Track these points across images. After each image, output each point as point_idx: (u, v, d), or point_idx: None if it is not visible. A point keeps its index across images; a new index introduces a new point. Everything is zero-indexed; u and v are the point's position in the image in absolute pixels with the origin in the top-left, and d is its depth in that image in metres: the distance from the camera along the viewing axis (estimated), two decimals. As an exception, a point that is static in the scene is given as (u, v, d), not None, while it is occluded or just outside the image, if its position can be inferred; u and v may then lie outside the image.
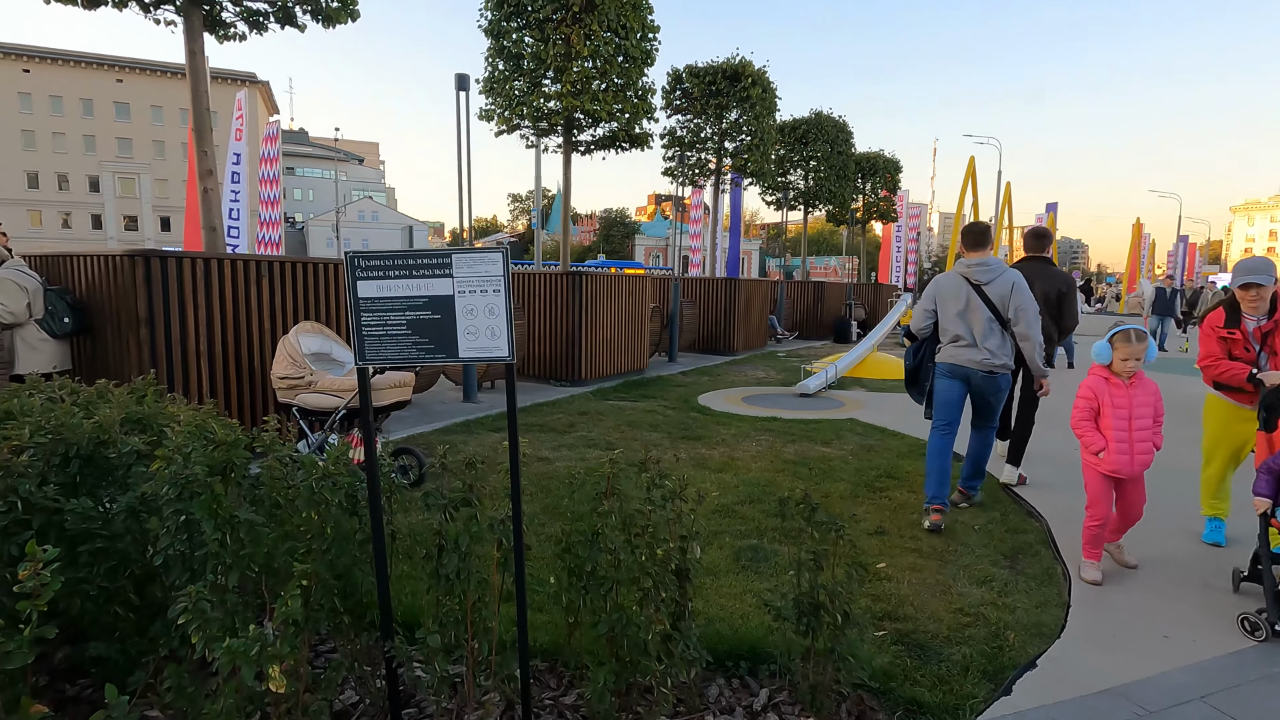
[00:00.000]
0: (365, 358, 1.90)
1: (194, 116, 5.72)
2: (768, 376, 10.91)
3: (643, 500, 2.38)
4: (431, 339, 1.88)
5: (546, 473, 5.18)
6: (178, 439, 1.98)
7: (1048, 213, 40.57)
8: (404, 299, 1.87)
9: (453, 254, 1.84)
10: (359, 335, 1.88)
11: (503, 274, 1.82)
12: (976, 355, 4.36)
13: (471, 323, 1.86)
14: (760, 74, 14.31)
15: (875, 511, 4.50)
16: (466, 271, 1.84)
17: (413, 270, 1.85)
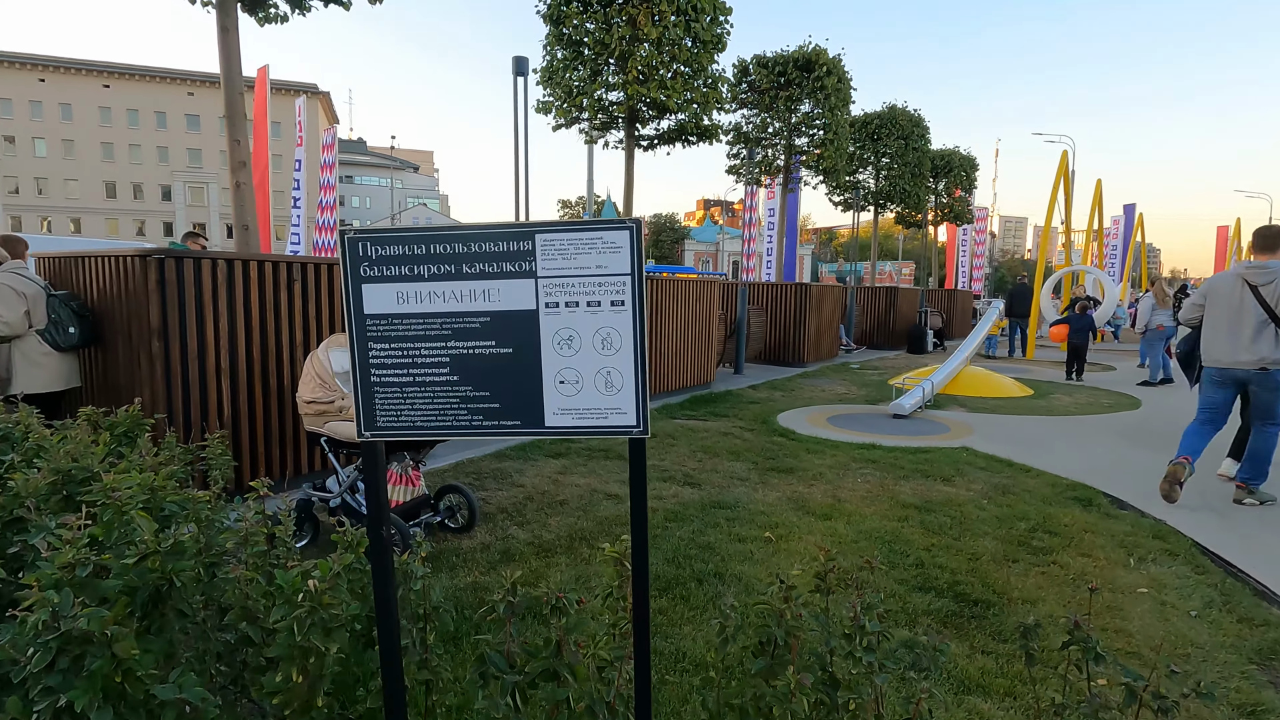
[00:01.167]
0: (375, 425, 1.06)
1: (226, 102, 5.12)
2: (849, 393, 9.84)
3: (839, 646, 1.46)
4: (494, 391, 1.03)
5: (619, 517, 4.31)
6: (64, 557, 1.17)
7: (1125, 214, 38.14)
8: (444, 318, 1.03)
9: (536, 232, 0.98)
10: (364, 385, 1.03)
11: (632, 268, 0.95)
12: (1248, 355, 4.50)
13: (569, 363, 1.01)
14: (835, 63, 13.20)
15: (1048, 587, 3.47)
16: (562, 264, 0.97)
17: (463, 264, 1.00)
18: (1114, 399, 9.71)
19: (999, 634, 2.93)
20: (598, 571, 3.49)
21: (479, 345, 1.04)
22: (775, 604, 1.39)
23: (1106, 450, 6.51)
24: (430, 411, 1.07)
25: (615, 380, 1.03)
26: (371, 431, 1.08)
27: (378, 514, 1.15)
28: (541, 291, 1.03)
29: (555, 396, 1.04)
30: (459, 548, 3.80)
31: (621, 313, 1.02)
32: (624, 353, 1.03)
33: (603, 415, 1.05)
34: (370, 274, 1.04)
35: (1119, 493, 5.07)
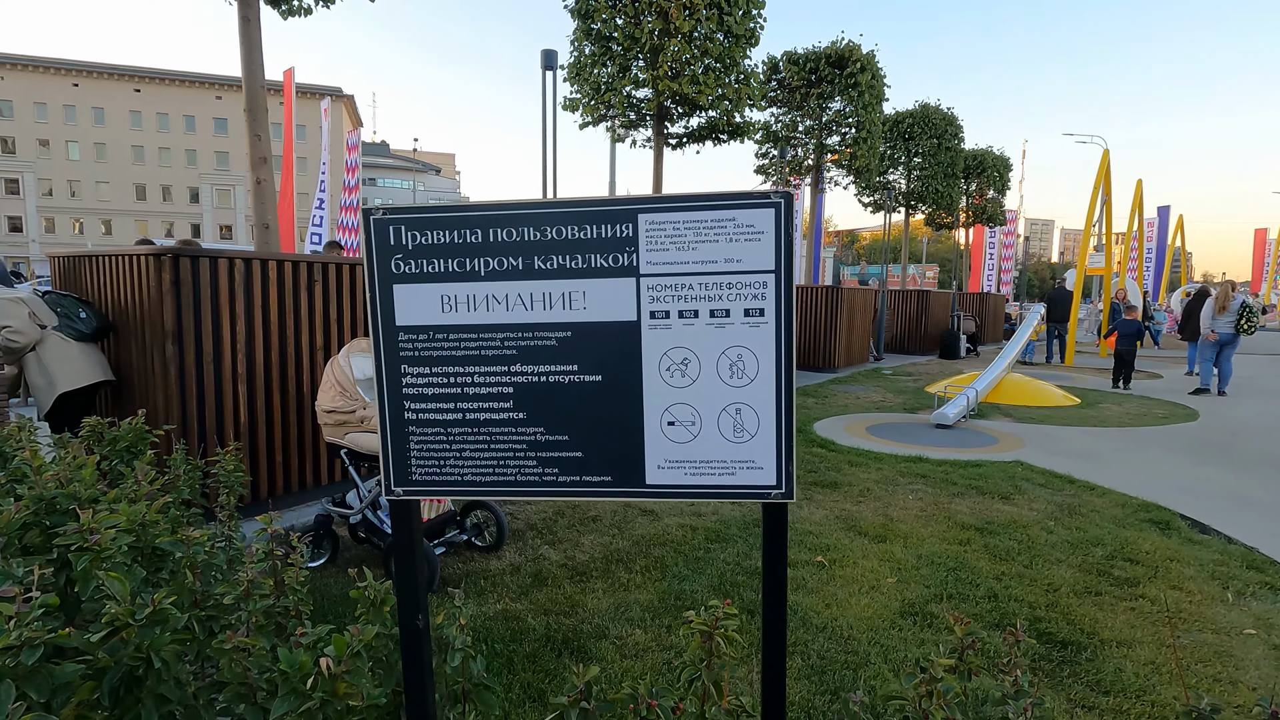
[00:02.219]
0: (409, 479, 0.78)
1: (247, 95, 4.92)
2: (885, 400, 9.45)
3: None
4: (575, 435, 0.75)
5: (656, 536, 4.01)
6: (6, 639, 0.89)
7: (1160, 216, 37.11)
8: (507, 333, 0.76)
9: (639, 210, 0.69)
10: (394, 423, 0.75)
11: (778, 263, 0.66)
12: None
13: (683, 397, 0.73)
14: (869, 59, 12.79)
15: (1140, 625, 3.10)
16: (675, 257, 0.69)
17: (535, 256, 0.71)
18: (1168, 409, 9.21)
19: (1098, 684, 2.59)
20: (637, 600, 3.20)
21: (556, 370, 0.76)
22: (916, 699, 1.07)
23: (1172, 466, 6.08)
24: (485, 461, 0.79)
25: (748, 422, 0.75)
26: (404, 487, 0.80)
27: (412, 599, 0.87)
28: (645, 295, 0.75)
29: (661, 443, 0.75)
30: (487, 569, 3.53)
31: (760, 327, 0.73)
32: (762, 383, 0.74)
33: (728, 470, 0.77)
34: (405, 270, 0.76)
35: (1196, 514, 4.67)
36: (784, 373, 0.75)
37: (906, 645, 2.85)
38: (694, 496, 0.84)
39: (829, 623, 3.01)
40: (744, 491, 0.82)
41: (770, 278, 0.76)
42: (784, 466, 0.80)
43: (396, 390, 0.80)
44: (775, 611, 0.86)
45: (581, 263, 0.78)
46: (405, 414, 0.81)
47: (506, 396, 0.80)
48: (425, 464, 0.83)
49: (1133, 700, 2.49)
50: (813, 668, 2.66)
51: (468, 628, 1.14)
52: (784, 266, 0.75)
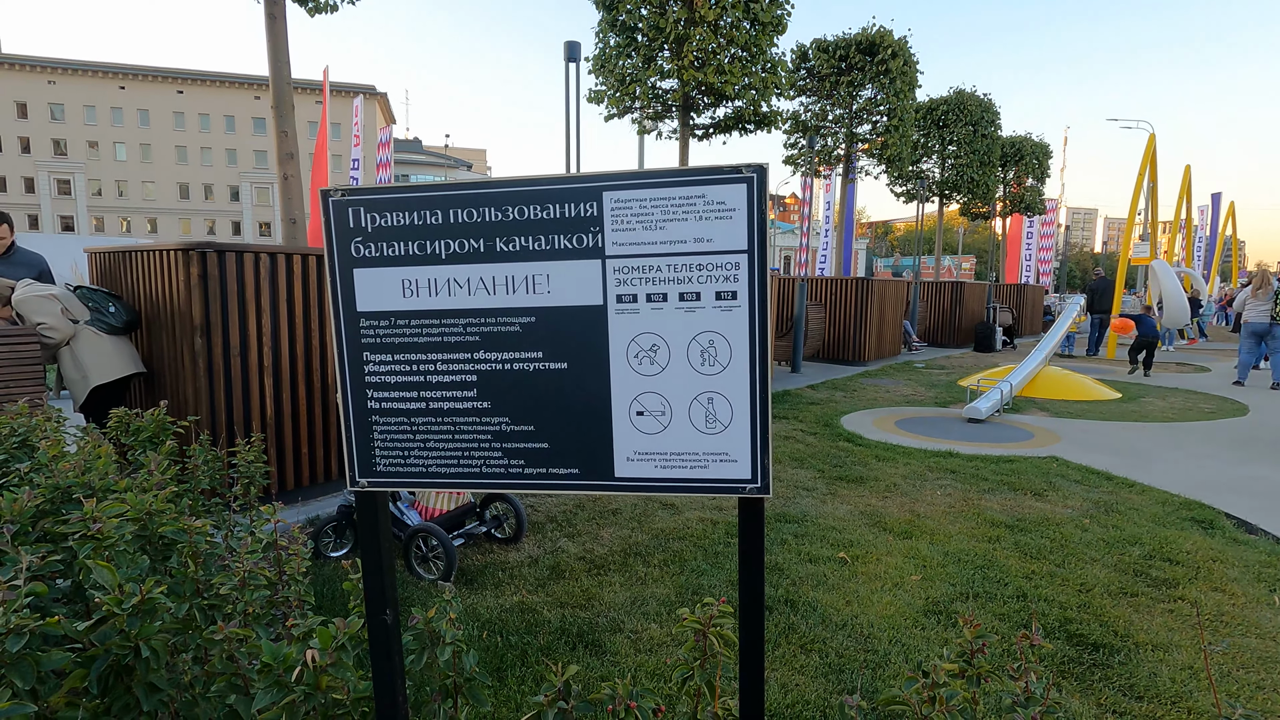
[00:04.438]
0: (373, 470, 0.76)
1: (273, 92, 4.99)
2: (916, 394, 9.25)
3: None
4: (541, 425, 0.71)
5: (676, 529, 3.98)
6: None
7: (1212, 203, 35.65)
8: (470, 318, 0.72)
9: (604, 188, 0.65)
10: (356, 413, 0.73)
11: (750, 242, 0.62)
12: None
13: (652, 386, 0.68)
14: (901, 45, 12.46)
15: (1179, 629, 2.97)
16: (643, 237, 0.65)
17: (497, 238, 0.68)
18: (1215, 403, 8.85)
19: (1131, 689, 2.48)
20: (654, 594, 3.17)
21: (520, 358, 0.73)
22: (917, 706, 1.01)
23: (1218, 462, 5.83)
24: (450, 452, 0.76)
25: (721, 412, 0.71)
26: (369, 479, 0.78)
27: (380, 594, 0.85)
28: (612, 278, 0.71)
29: (630, 434, 0.72)
30: (505, 561, 3.53)
31: (733, 311, 0.69)
32: (735, 371, 0.70)
33: (700, 463, 0.73)
34: (365, 253, 0.74)
35: (1243, 513, 4.47)
36: (758, 360, 0.70)
37: (929, 645, 2.77)
38: (665, 490, 0.80)
39: (849, 620, 2.95)
40: (717, 485, 0.78)
41: (743, 258, 0.71)
42: (759, 459, 0.75)
43: (359, 379, 0.78)
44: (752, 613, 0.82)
45: (545, 244, 0.74)
46: (368, 403, 0.79)
47: (470, 385, 0.77)
48: (389, 455, 0.80)
49: (1168, 707, 2.38)
50: (830, 666, 2.60)
51: (459, 621, 1.12)
52: (757, 246, 0.70)
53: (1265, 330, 10.19)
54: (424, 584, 3.23)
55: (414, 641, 1.23)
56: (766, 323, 0.69)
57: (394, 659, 0.91)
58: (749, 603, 0.82)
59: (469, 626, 2.84)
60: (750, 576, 0.80)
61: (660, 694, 2.35)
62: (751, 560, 0.79)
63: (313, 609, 1.54)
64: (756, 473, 0.76)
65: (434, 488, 0.84)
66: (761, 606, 0.82)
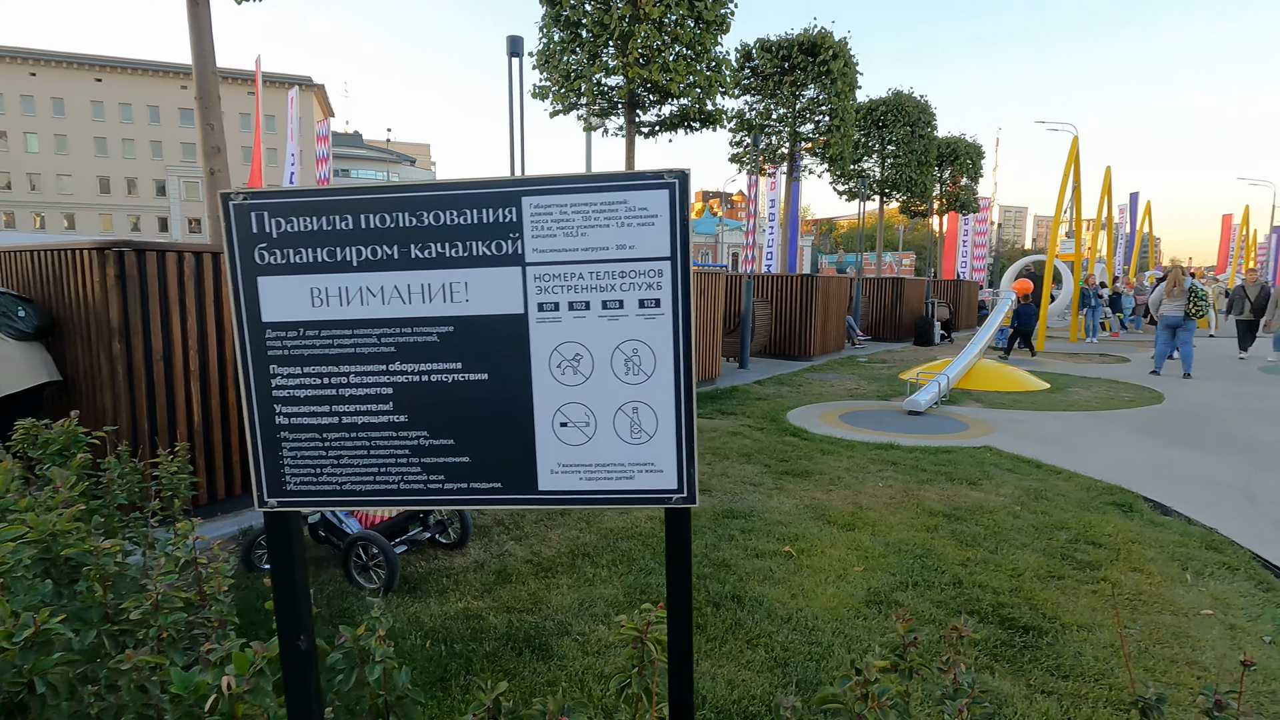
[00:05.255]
0: (284, 490, 0.72)
1: (197, 83, 4.74)
2: (859, 388, 9.49)
3: None
4: (461, 439, 0.68)
5: (625, 529, 3.97)
6: None
7: (1130, 202, 37.69)
8: (384, 328, 0.68)
9: (523, 193, 0.63)
10: (264, 429, 0.69)
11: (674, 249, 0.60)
12: None
13: (575, 396, 0.66)
14: (841, 46, 12.75)
15: (1102, 609, 3.13)
16: (564, 243, 0.63)
17: (411, 244, 0.65)
18: (1134, 392, 9.37)
19: (1058, 669, 2.60)
20: (602, 595, 3.16)
21: (438, 369, 0.70)
22: (850, 703, 1.03)
23: (1137, 448, 6.18)
24: (365, 469, 0.73)
25: (646, 421, 0.69)
26: (278, 498, 0.74)
27: (293, 620, 0.81)
28: (533, 286, 0.69)
29: (554, 446, 0.70)
30: (450, 567, 3.46)
31: (656, 319, 0.68)
32: (659, 380, 0.69)
33: (626, 474, 0.72)
34: (270, 261, 0.70)
35: (1159, 496, 4.74)
36: (682, 368, 0.70)
37: (871, 635, 2.84)
38: (591, 503, 0.79)
39: (794, 614, 3.00)
40: (644, 496, 0.77)
41: (665, 265, 0.71)
42: (685, 469, 0.75)
43: (265, 393, 0.73)
44: (680, 621, 0.81)
45: (462, 251, 0.71)
46: (276, 419, 0.74)
47: (385, 398, 0.74)
48: (300, 473, 0.76)
49: (1091, 684, 2.50)
50: (776, 660, 2.64)
51: (390, 637, 1.08)
52: (680, 253, 0.69)
53: (1179, 323, 10.92)
54: (364, 594, 3.14)
55: (343, 660, 1.19)
56: (690, 331, 0.68)
57: (309, 687, 0.87)
58: (677, 611, 0.81)
59: (412, 636, 2.77)
60: (678, 585, 0.80)
61: (601, 702, 2.34)
62: (678, 569, 0.79)
63: (237, 630, 1.46)
64: (683, 482, 0.75)
65: (348, 506, 0.80)
66: (689, 614, 0.81)
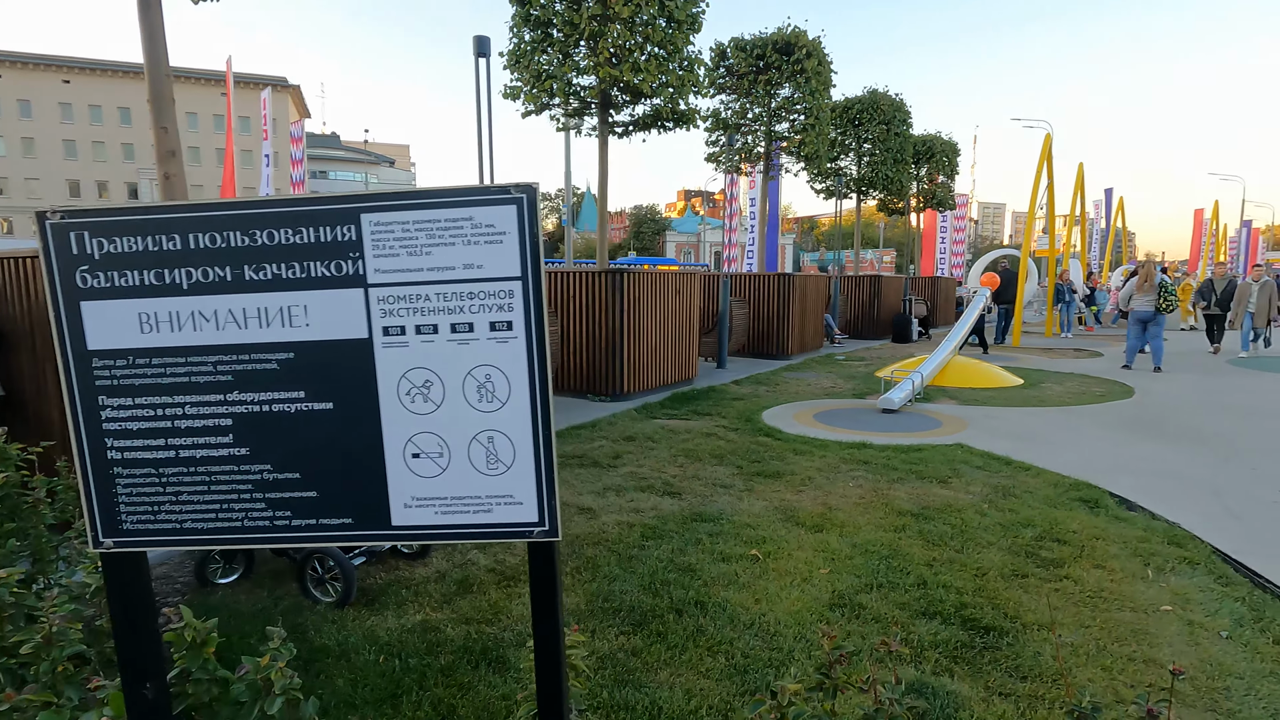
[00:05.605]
0: (119, 529, 0.66)
1: (150, 83, 4.63)
2: (836, 386, 9.52)
3: None
4: (308, 472, 0.64)
5: (591, 535, 3.92)
6: None
7: (1105, 198, 38.22)
8: (220, 355, 0.63)
9: (362, 210, 0.58)
10: (95, 464, 0.64)
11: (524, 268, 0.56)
12: None
13: (427, 425, 0.62)
14: (815, 45, 12.79)
15: (1064, 607, 3.14)
16: (407, 263, 0.59)
17: (245, 265, 0.60)
18: (1105, 387, 9.49)
19: (1017, 669, 2.60)
20: (565, 604, 3.11)
21: (279, 398, 0.65)
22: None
23: (1106, 444, 6.24)
24: (207, 505, 0.68)
25: (502, 451, 0.65)
26: (114, 538, 0.69)
27: (138, 667, 0.75)
28: (376, 308, 0.64)
29: (406, 479, 0.66)
30: (411, 578, 3.40)
31: (509, 342, 0.64)
32: (515, 407, 0.64)
33: (484, 507, 0.67)
34: (94, 284, 0.65)
35: (1125, 491, 4.78)
36: (539, 394, 0.66)
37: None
38: (447, 538, 0.75)
39: (756, 619, 2.97)
40: (503, 531, 0.73)
41: (516, 285, 0.66)
42: (545, 501, 0.71)
43: (95, 426, 0.68)
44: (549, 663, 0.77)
45: (299, 272, 0.67)
46: (108, 453, 0.69)
47: (224, 430, 0.69)
48: (137, 510, 0.71)
49: (1048, 685, 2.50)
50: (736, 667, 2.61)
51: (288, 670, 1.03)
52: (531, 272, 0.65)
53: (1150, 317, 11.10)
54: (320, 608, 3.07)
55: (246, 691, 1.14)
56: (545, 354, 0.64)
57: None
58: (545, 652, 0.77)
59: (366, 651, 2.71)
60: (545, 625, 0.76)
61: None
62: (545, 608, 0.74)
63: (149, 658, 1.39)
64: (544, 514, 0.71)
65: (190, 546, 0.76)
66: (558, 656, 0.77)
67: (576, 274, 8.19)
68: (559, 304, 8.29)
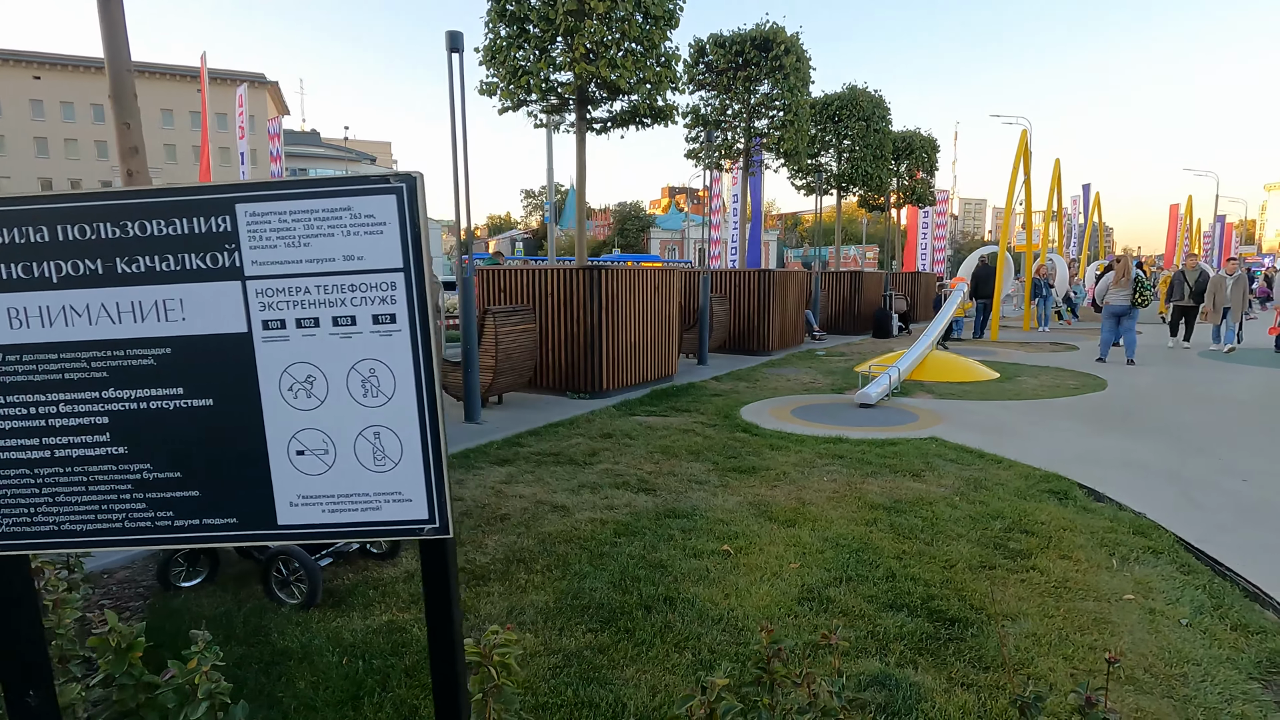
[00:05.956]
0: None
1: (111, 78, 4.53)
2: (815, 382, 9.56)
3: None
4: (189, 471, 0.61)
5: (564, 532, 3.91)
6: None
7: (1083, 194, 38.69)
8: (93, 351, 0.60)
9: (237, 200, 0.57)
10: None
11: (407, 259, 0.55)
12: None
13: (310, 422, 0.60)
14: (794, 41, 12.83)
15: (1030, 597, 3.17)
16: (286, 255, 0.58)
17: (118, 257, 0.58)
18: (1079, 380, 9.62)
19: (980, 660, 2.62)
20: (533, 601, 3.09)
21: (157, 395, 0.64)
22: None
23: (1077, 435, 6.33)
24: (85, 506, 0.66)
25: (389, 447, 0.64)
26: (-14, 543, 0.67)
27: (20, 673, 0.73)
28: (255, 301, 0.63)
29: (292, 476, 0.64)
30: (379, 578, 3.36)
31: (393, 335, 0.62)
32: (401, 401, 0.63)
33: (372, 504, 0.66)
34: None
35: (1094, 482, 4.84)
36: (426, 388, 0.65)
37: (800, 632, 2.83)
38: (336, 536, 0.73)
39: (725, 614, 2.97)
40: (393, 528, 0.72)
41: (399, 276, 0.65)
42: (435, 497, 0.70)
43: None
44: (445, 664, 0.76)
45: (175, 264, 0.65)
46: (-26, 452, 0.67)
47: (101, 428, 0.67)
48: (12, 513, 0.69)
49: (1010, 675, 2.52)
50: (702, 663, 2.61)
51: (214, 674, 1.01)
52: (414, 263, 0.64)
53: (1125, 311, 11.27)
54: (284, 610, 3.03)
55: (173, 696, 1.11)
56: (431, 348, 0.63)
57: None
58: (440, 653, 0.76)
59: (329, 653, 2.68)
60: (439, 624, 0.74)
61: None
62: (439, 607, 0.73)
63: (82, 664, 1.37)
64: (434, 511, 0.70)
65: (71, 549, 0.74)
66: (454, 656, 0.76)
67: (554, 271, 8.15)
68: (536, 301, 8.25)
